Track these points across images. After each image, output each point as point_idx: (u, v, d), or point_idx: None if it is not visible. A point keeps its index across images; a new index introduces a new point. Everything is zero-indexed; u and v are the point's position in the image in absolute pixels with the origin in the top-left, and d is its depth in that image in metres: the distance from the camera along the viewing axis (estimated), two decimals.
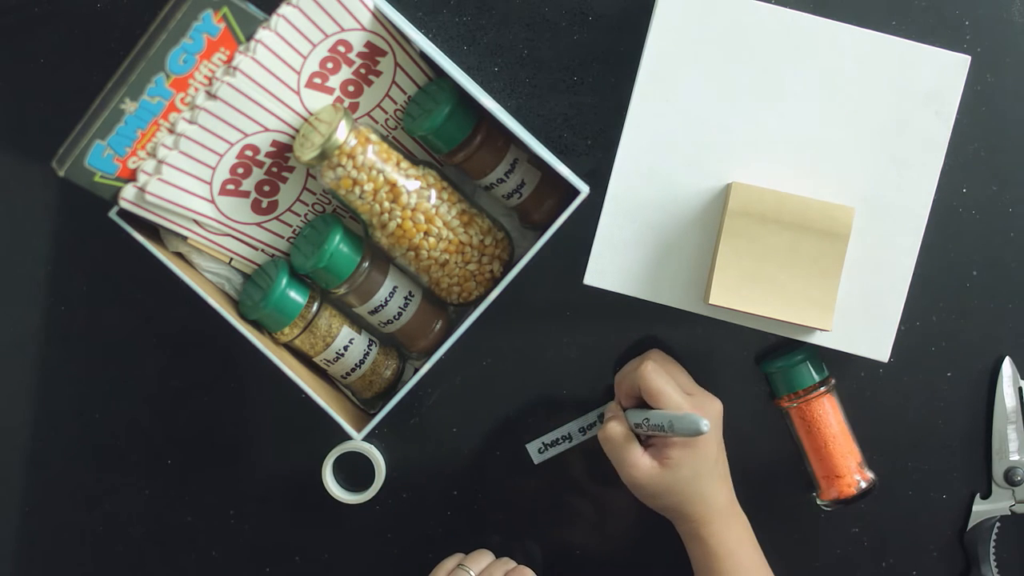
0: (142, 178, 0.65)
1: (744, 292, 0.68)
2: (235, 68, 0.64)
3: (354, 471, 0.77)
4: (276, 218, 0.71)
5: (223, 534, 0.78)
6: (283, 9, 0.64)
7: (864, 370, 0.74)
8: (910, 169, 0.70)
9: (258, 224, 0.71)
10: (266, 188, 0.70)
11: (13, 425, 0.77)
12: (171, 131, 0.65)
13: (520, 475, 0.77)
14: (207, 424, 0.77)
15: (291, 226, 0.72)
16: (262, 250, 0.72)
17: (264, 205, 0.70)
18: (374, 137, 0.67)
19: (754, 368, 0.75)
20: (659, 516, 0.71)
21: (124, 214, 0.67)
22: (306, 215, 0.72)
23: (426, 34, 0.73)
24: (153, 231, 0.70)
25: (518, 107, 0.74)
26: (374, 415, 0.71)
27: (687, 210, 0.71)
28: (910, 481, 0.75)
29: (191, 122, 0.65)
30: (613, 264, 0.71)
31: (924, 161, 0.70)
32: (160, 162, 0.65)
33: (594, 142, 0.74)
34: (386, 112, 0.71)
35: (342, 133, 0.64)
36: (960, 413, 0.75)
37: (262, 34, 0.64)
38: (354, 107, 0.70)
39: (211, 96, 0.65)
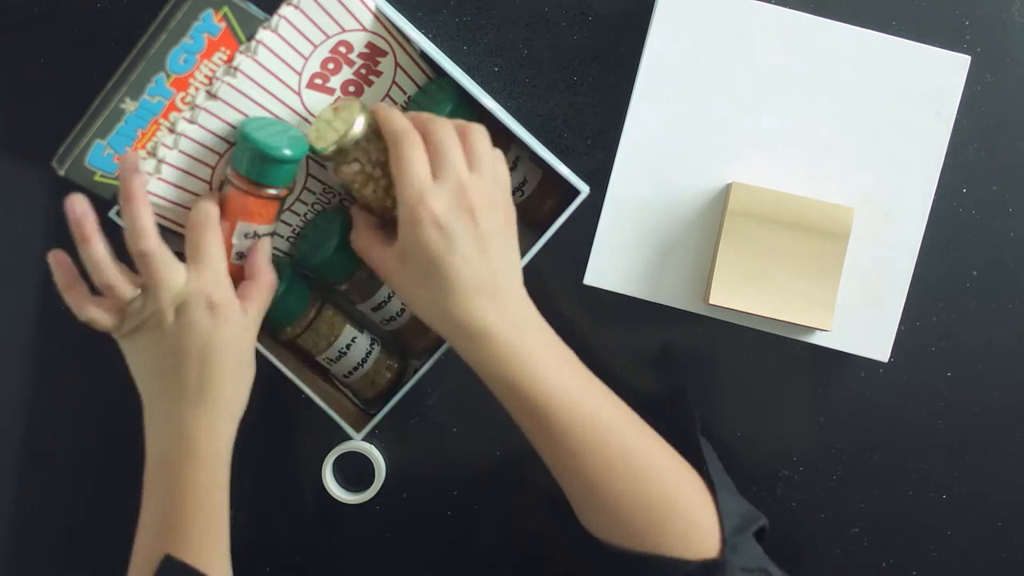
0: None
1: (744, 292, 0.68)
2: (236, 68, 0.64)
3: (354, 471, 0.77)
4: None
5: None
6: (284, 10, 0.64)
7: (864, 370, 0.74)
8: (910, 169, 0.70)
9: None
10: None
11: (13, 425, 0.77)
12: (171, 131, 0.65)
13: (520, 474, 0.77)
14: None
15: (291, 225, 0.72)
16: None
17: None
18: None
19: (753, 368, 0.75)
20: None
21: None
22: (306, 214, 0.72)
23: (426, 34, 0.73)
24: None
25: (518, 107, 0.74)
26: (374, 415, 0.71)
27: (687, 210, 0.71)
28: (910, 481, 0.75)
29: (191, 122, 0.65)
30: (613, 264, 0.71)
31: (924, 161, 0.70)
32: (160, 162, 0.65)
33: (594, 142, 0.74)
34: None
35: (360, 127, 0.64)
36: (960, 413, 0.75)
37: (263, 34, 0.64)
38: None
39: (211, 96, 0.65)
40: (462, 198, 0.57)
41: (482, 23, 0.73)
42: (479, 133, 0.60)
